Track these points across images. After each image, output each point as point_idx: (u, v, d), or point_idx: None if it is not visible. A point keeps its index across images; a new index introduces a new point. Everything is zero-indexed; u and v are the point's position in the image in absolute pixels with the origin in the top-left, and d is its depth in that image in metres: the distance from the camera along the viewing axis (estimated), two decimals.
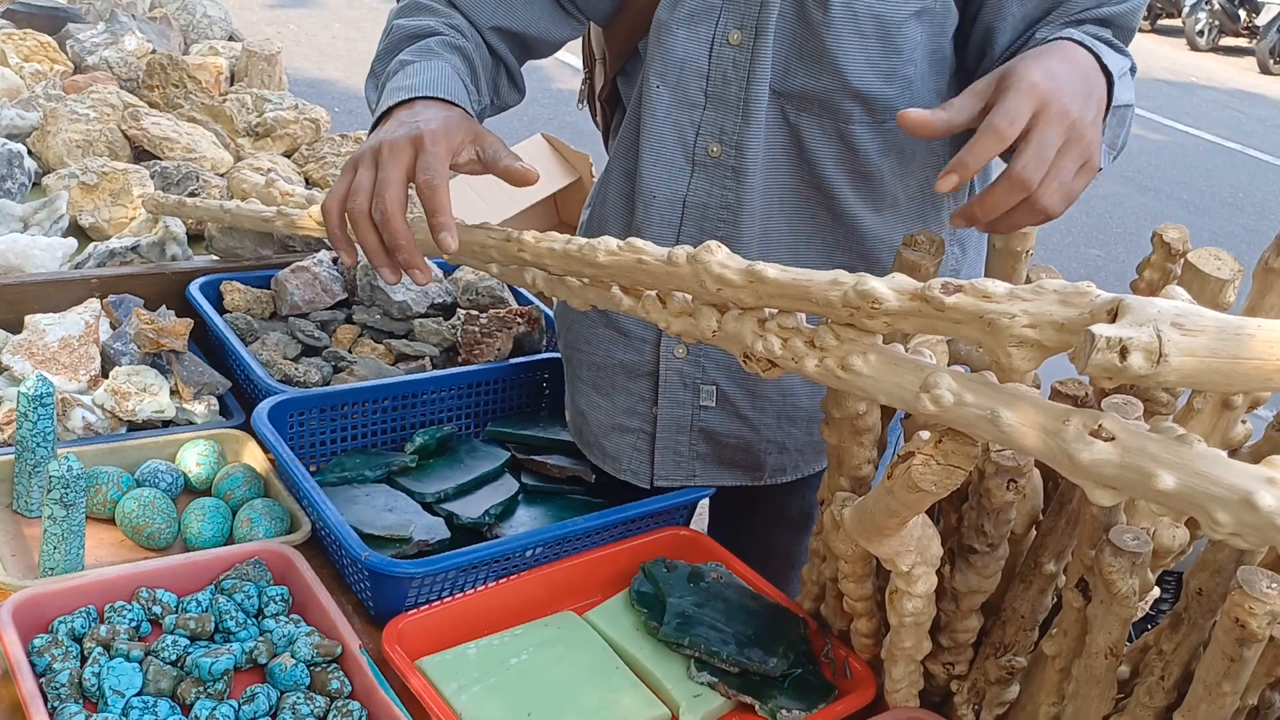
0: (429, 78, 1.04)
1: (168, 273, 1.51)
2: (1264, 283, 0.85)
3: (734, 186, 1.10)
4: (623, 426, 1.25)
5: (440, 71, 1.05)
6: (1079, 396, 0.89)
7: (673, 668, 1.06)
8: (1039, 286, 0.65)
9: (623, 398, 1.24)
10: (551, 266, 0.95)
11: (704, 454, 1.23)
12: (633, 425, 1.24)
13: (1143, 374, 0.57)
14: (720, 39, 1.06)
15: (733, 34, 1.05)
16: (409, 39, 1.12)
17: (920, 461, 0.73)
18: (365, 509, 1.19)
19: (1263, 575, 0.73)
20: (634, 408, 1.23)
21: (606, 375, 1.24)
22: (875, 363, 0.73)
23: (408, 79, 1.04)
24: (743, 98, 1.07)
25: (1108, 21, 1.04)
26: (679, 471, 1.24)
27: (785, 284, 0.76)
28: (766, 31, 1.04)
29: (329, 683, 0.97)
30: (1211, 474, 0.57)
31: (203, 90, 2.02)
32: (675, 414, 1.21)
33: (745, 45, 1.05)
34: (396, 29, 1.13)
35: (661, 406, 1.21)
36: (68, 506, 1.02)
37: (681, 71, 1.08)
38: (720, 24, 1.06)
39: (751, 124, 1.07)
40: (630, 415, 1.24)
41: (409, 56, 1.09)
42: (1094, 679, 0.86)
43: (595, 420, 1.27)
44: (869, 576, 1.00)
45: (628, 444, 1.25)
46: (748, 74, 1.06)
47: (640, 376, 1.22)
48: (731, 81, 1.07)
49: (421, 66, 1.06)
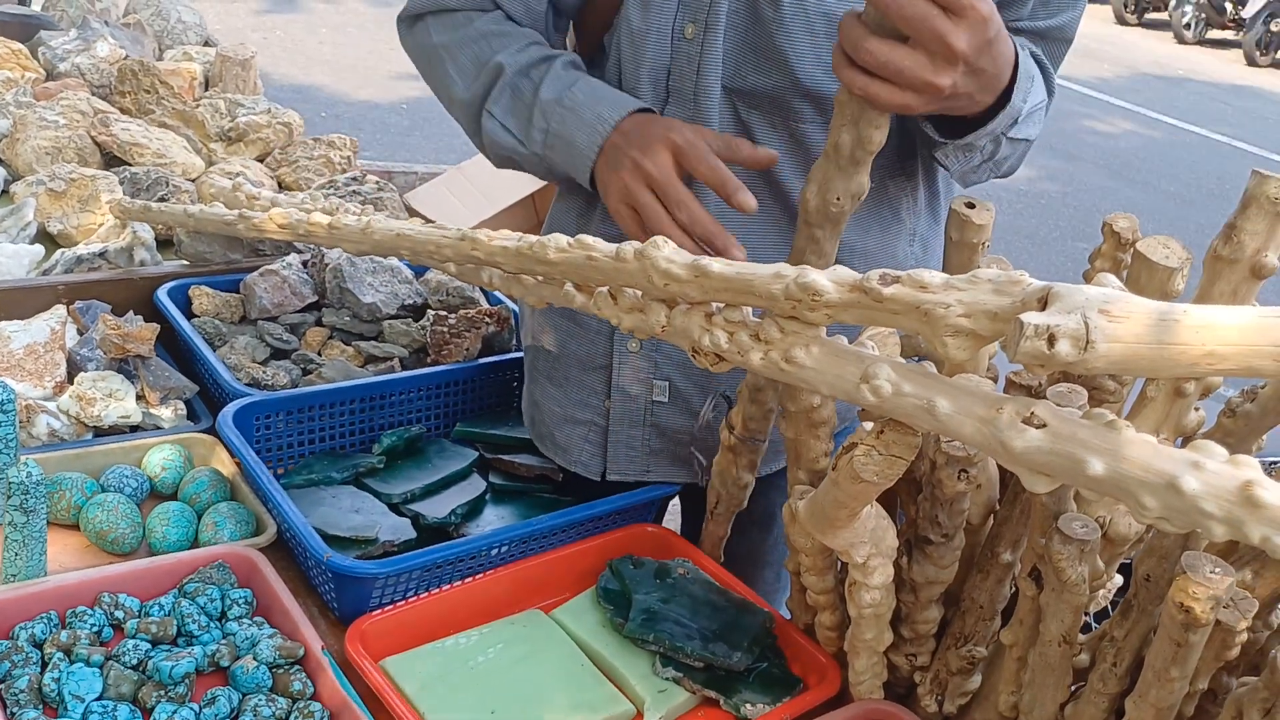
0: (612, 100, 1.06)
1: (136, 278, 1.51)
2: (1213, 270, 0.86)
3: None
4: (574, 418, 1.25)
5: (607, 90, 1.08)
6: (1033, 387, 0.89)
7: (638, 664, 1.06)
8: (974, 276, 0.65)
9: (576, 390, 1.24)
10: (505, 265, 0.95)
11: (658, 449, 1.24)
12: (584, 417, 1.25)
13: (1071, 361, 0.57)
14: (678, 34, 1.07)
15: (687, 28, 1.06)
16: (524, 73, 1.11)
17: (862, 452, 0.73)
18: (331, 510, 1.19)
19: (1207, 560, 0.74)
20: (586, 400, 1.24)
21: (561, 366, 1.25)
22: (818, 354, 0.73)
23: (594, 109, 1.06)
24: (694, 92, 1.07)
25: (1044, 35, 1.07)
26: (633, 466, 1.25)
27: (730, 278, 0.76)
28: (717, 27, 1.04)
29: (291, 684, 0.97)
30: (1138, 459, 0.57)
31: (175, 96, 2.02)
32: (628, 408, 1.22)
33: (697, 40, 1.06)
34: (506, 66, 1.11)
35: (614, 400, 1.22)
36: (28, 512, 1.01)
37: (647, 65, 1.09)
38: (677, 18, 1.06)
39: (702, 119, 1.08)
40: (583, 407, 1.24)
41: (557, 90, 1.08)
42: (1049, 667, 0.87)
43: (549, 411, 1.28)
44: (830, 569, 1.00)
45: (579, 435, 1.26)
46: (698, 68, 1.06)
47: (593, 369, 1.22)
48: (686, 76, 1.07)
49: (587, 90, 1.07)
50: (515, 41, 1.14)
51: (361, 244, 1.11)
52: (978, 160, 1.03)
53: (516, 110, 1.11)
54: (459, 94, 1.16)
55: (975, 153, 1.02)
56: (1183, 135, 8.21)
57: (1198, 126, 8.46)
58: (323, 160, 1.95)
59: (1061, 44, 1.08)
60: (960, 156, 1.02)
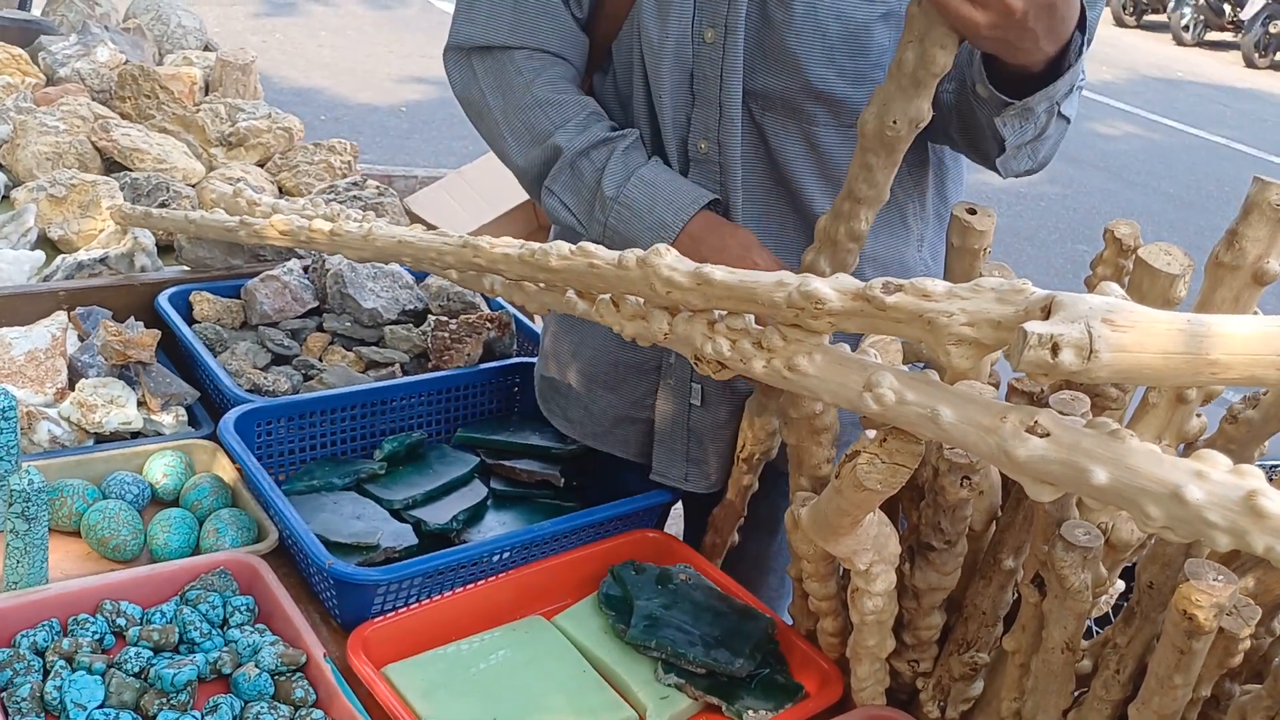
0: (668, 198, 1.07)
1: (137, 284, 1.50)
2: (1214, 277, 0.86)
3: (721, 181, 1.11)
4: (631, 418, 1.26)
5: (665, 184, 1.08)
6: (1034, 394, 0.89)
7: (640, 670, 1.06)
8: (977, 285, 0.66)
9: (628, 390, 1.25)
10: (507, 272, 0.95)
11: (696, 458, 1.24)
12: (640, 416, 1.25)
13: (1074, 370, 0.57)
14: (698, 38, 1.07)
15: (707, 33, 1.06)
16: (585, 154, 1.11)
17: (865, 460, 0.73)
18: (333, 517, 1.19)
19: (1210, 567, 0.74)
20: (641, 400, 1.24)
21: (617, 372, 1.25)
22: (820, 363, 0.73)
23: (653, 213, 1.07)
24: (719, 95, 1.07)
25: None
26: (674, 470, 1.25)
27: (732, 286, 0.76)
28: (736, 30, 1.04)
29: (293, 692, 0.97)
30: (1142, 468, 0.57)
31: (175, 100, 2.02)
32: (669, 410, 1.22)
33: (718, 43, 1.06)
34: (565, 149, 1.11)
35: (659, 401, 1.22)
36: (29, 520, 1.01)
37: (669, 72, 1.08)
38: (695, 22, 1.06)
39: (728, 122, 1.08)
40: (638, 407, 1.25)
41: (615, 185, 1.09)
42: (1051, 674, 0.87)
43: (600, 413, 1.28)
44: (832, 576, 1.00)
45: (636, 433, 1.26)
46: (721, 72, 1.06)
47: (645, 372, 1.23)
48: (710, 79, 1.07)
49: (643, 189, 1.08)
50: (573, 115, 1.12)
51: (364, 251, 1.11)
52: (1030, 134, 1.01)
53: (577, 191, 1.12)
54: (514, 160, 1.16)
55: (1031, 122, 0.99)
56: (1182, 137, 8.21)
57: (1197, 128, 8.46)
58: (323, 165, 1.95)
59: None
60: (1017, 125, 1.00)
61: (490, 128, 1.17)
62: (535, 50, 1.14)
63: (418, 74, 6.48)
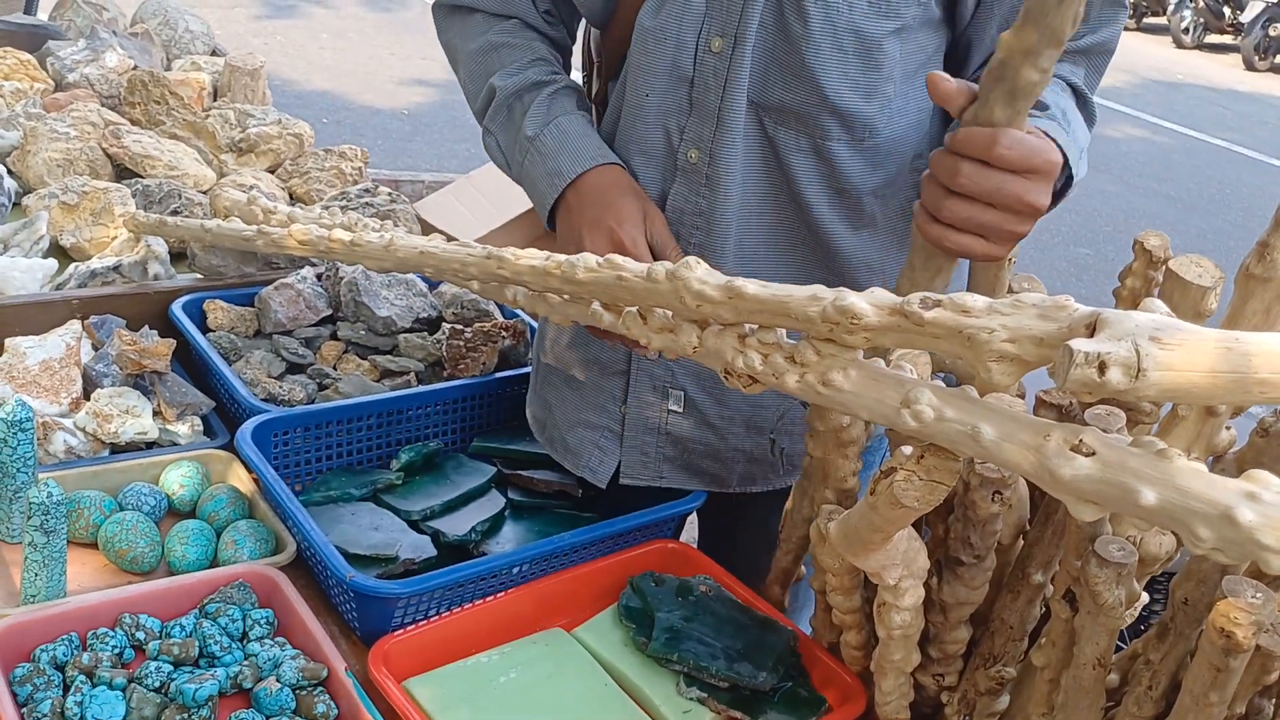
0: (574, 149, 1.10)
1: (150, 292, 1.50)
2: (1245, 289, 0.85)
3: (708, 194, 1.10)
4: (589, 422, 1.25)
5: (576, 134, 1.11)
6: (1063, 406, 0.89)
7: (662, 684, 1.05)
8: (1018, 301, 0.65)
9: (593, 394, 1.24)
10: (532, 284, 0.94)
11: (671, 456, 1.24)
12: (599, 422, 1.25)
13: (1122, 389, 0.57)
14: (704, 46, 1.06)
15: (714, 42, 1.05)
16: (518, 95, 1.15)
17: (903, 477, 0.72)
18: (350, 528, 1.18)
19: (1248, 584, 0.73)
20: (603, 405, 1.24)
21: (580, 371, 1.25)
22: (856, 378, 0.72)
23: (555, 159, 1.10)
24: (719, 106, 1.07)
25: (1087, 51, 1.07)
26: (646, 471, 1.25)
27: (765, 300, 0.75)
28: (746, 41, 1.04)
29: (314, 706, 0.96)
30: (1192, 489, 0.56)
31: (185, 106, 2.02)
32: (643, 414, 1.22)
33: (725, 53, 1.05)
34: (499, 89, 1.16)
35: (630, 406, 1.22)
36: (48, 533, 1.01)
37: (668, 77, 1.08)
38: (704, 31, 1.06)
39: (726, 133, 1.07)
40: (599, 412, 1.25)
41: (535, 127, 1.12)
42: (1082, 690, 0.86)
43: (561, 415, 1.28)
44: (857, 589, 1.00)
45: (590, 440, 1.26)
46: (725, 83, 1.06)
47: (612, 374, 1.22)
48: (711, 89, 1.07)
49: (556, 135, 1.11)
50: (517, 57, 1.16)
51: (384, 261, 1.10)
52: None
53: (509, 130, 1.16)
54: (470, 104, 1.21)
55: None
56: (1183, 140, 8.21)
57: (1197, 131, 8.47)
58: (334, 171, 1.94)
59: (1104, 56, 1.08)
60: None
61: (459, 75, 1.23)
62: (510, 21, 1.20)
63: (419, 76, 6.48)
